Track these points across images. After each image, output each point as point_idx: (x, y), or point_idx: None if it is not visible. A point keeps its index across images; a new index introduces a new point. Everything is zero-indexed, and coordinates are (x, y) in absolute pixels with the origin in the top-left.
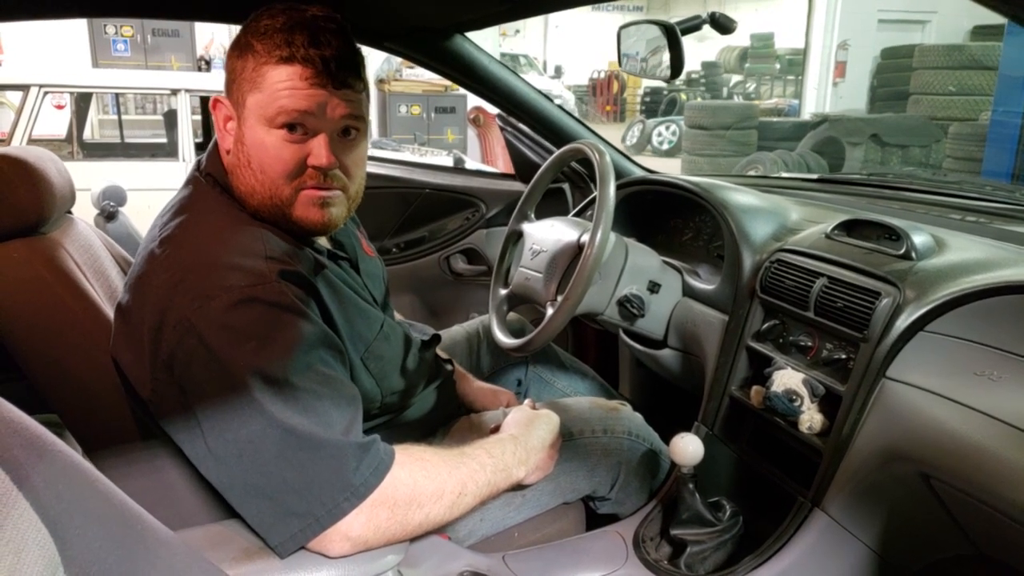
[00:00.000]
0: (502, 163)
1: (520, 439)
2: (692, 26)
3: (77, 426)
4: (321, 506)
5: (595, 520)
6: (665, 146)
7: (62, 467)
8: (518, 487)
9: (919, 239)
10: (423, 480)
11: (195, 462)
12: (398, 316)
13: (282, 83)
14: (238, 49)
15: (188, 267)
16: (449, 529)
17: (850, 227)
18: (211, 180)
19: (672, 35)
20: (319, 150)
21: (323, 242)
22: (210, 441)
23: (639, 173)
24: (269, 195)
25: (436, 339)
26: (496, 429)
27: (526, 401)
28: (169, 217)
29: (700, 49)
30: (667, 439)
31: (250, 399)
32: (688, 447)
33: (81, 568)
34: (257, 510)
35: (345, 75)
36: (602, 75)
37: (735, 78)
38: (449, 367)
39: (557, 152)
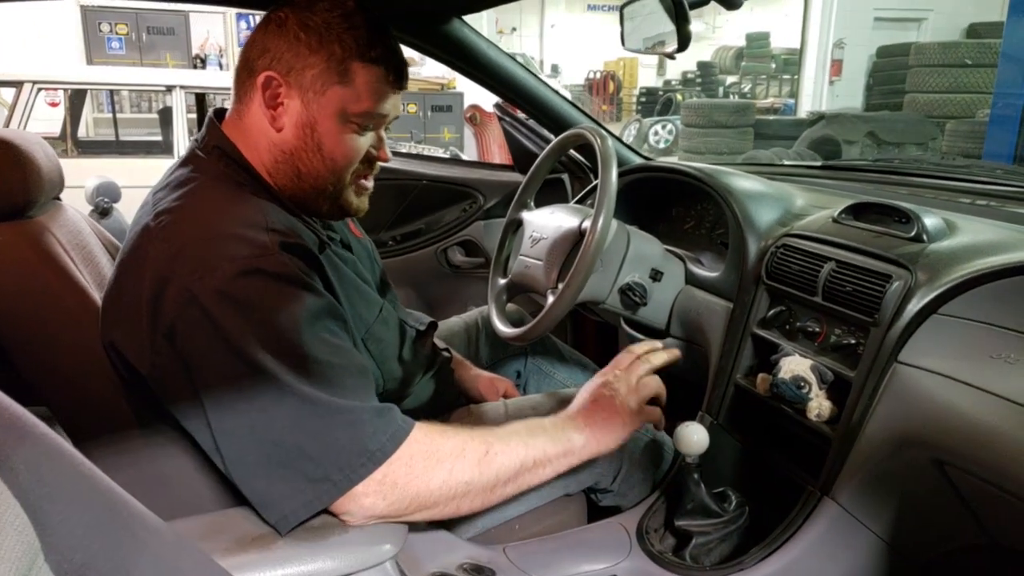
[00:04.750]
0: (498, 161)
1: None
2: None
3: (66, 415)
4: (338, 471)
5: (597, 513)
6: (662, 145)
7: (45, 450)
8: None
9: (930, 221)
10: (440, 438)
11: (198, 438)
12: None
13: (372, 84)
14: (307, 32)
15: (188, 238)
16: (448, 521)
17: (858, 211)
18: (218, 152)
19: (679, 7)
20: (384, 146)
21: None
22: (218, 415)
23: (639, 161)
24: (334, 180)
25: (433, 327)
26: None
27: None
28: (165, 192)
29: (696, 49)
30: (669, 429)
31: (260, 369)
32: (693, 436)
33: (63, 555)
34: (267, 482)
35: (406, 78)
36: (598, 75)
37: (731, 78)
38: (447, 355)
39: (557, 138)
